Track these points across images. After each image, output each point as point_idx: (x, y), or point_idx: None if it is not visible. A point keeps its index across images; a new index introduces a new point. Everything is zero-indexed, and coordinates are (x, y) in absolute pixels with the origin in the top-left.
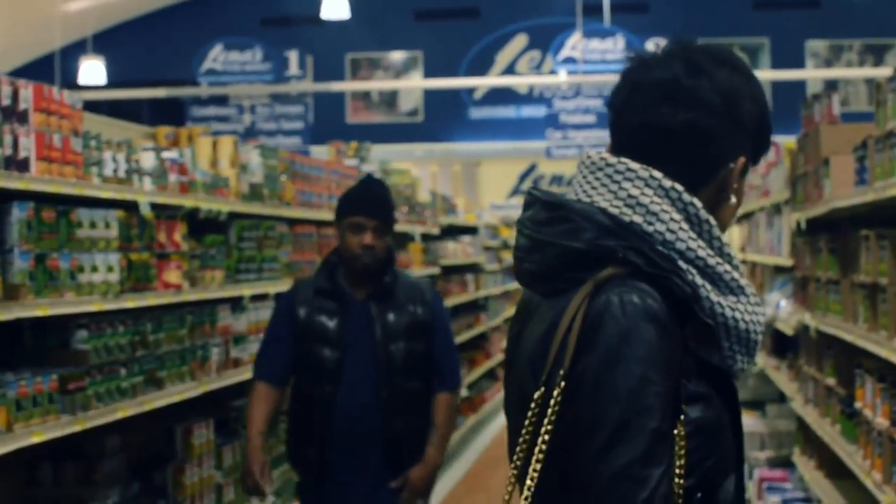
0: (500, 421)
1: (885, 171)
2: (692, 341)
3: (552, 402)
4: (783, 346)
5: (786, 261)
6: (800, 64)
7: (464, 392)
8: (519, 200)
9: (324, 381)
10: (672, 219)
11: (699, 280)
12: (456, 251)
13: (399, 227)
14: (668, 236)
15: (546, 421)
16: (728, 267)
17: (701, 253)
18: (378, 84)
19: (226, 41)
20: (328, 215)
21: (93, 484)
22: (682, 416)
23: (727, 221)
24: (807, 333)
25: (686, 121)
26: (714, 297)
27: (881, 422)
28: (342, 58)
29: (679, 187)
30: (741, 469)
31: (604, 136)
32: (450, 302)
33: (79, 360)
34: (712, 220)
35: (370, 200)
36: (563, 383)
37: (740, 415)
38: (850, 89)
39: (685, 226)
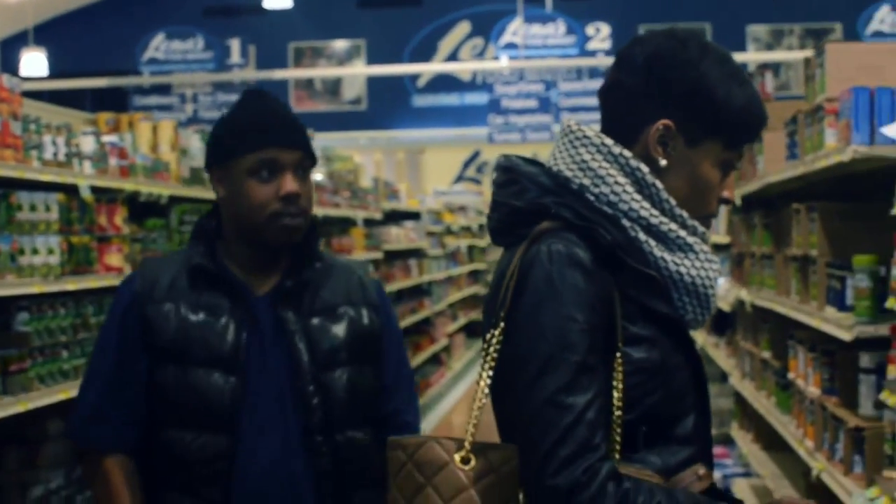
0: (446, 405)
1: (814, 144)
2: (632, 288)
3: (493, 340)
4: (722, 323)
5: (723, 238)
6: (741, 49)
7: None
8: (463, 187)
9: (211, 431)
10: (616, 182)
11: (642, 236)
12: (399, 236)
13: (341, 213)
14: (612, 197)
15: (488, 358)
16: (673, 226)
17: (643, 213)
18: (320, 72)
19: (167, 30)
20: None
21: (35, 468)
22: (617, 354)
23: (683, 190)
24: (743, 309)
25: (615, 80)
26: (658, 252)
27: (813, 390)
28: (285, 47)
29: (627, 153)
30: (705, 411)
31: (546, 120)
32: (393, 287)
33: (20, 342)
34: (658, 184)
35: (281, 124)
36: (501, 324)
37: (699, 360)
38: (791, 73)
39: (630, 188)
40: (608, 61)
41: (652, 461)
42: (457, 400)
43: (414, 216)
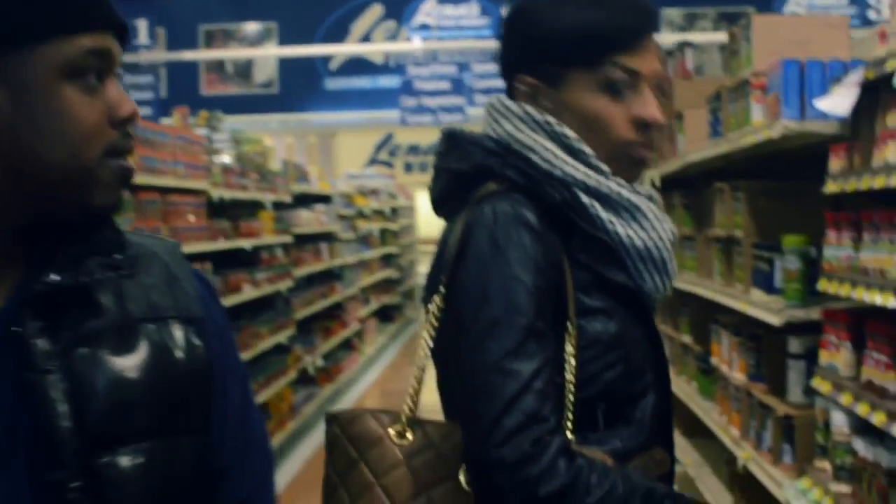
0: (358, 390)
1: (738, 121)
2: (584, 255)
3: (434, 308)
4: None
5: None
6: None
7: (320, 362)
8: (375, 170)
9: None
10: (546, 148)
11: (586, 199)
12: (309, 220)
13: (249, 195)
14: (544, 166)
15: (429, 326)
16: (613, 186)
17: (579, 176)
18: (230, 53)
19: None
20: (173, 182)
21: None
22: (568, 325)
23: (588, 139)
24: (664, 299)
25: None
26: (604, 213)
27: (738, 376)
28: (195, 29)
29: (550, 119)
30: (666, 391)
31: (459, 102)
32: (304, 271)
33: None
34: (586, 149)
35: None
36: (442, 289)
37: (658, 335)
38: (705, 57)
39: (560, 153)
40: None
41: (612, 443)
42: (370, 385)
43: (325, 199)
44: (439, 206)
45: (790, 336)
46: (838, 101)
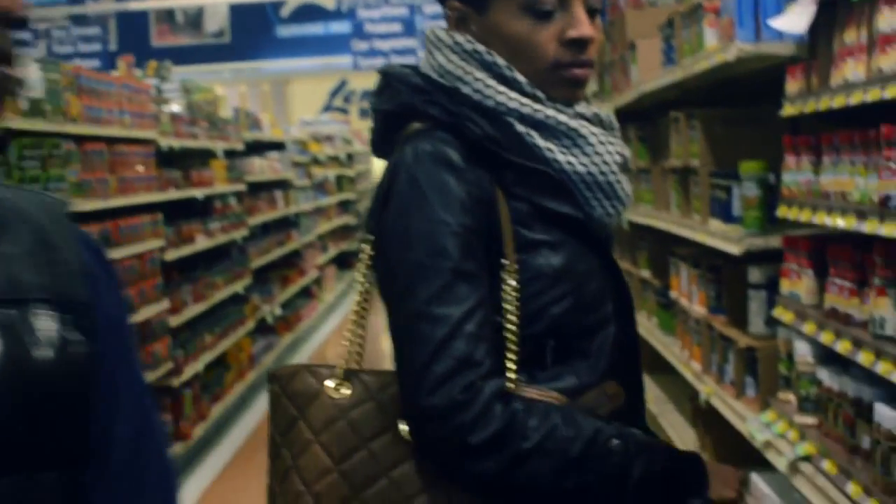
0: (318, 338)
1: (692, 47)
2: (521, 187)
3: (364, 256)
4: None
5: None
6: None
7: (278, 311)
8: (329, 116)
9: None
10: (476, 78)
11: (521, 128)
12: (263, 167)
13: (200, 144)
14: (476, 97)
15: (360, 275)
16: (550, 112)
17: (512, 104)
18: (179, 2)
19: None
20: (119, 131)
21: None
22: (503, 261)
23: (517, 64)
24: (619, 226)
25: None
26: (542, 142)
27: (698, 309)
28: None
29: (480, 47)
30: (628, 322)
31: (411, 44)
32: (259, 219)
33: None
34: (518, 76)
35: None
36: (371, 236)
37: (615, 265)
38: None
39: (491, 82)
40: None
41: (566, 379)
42: (330, 332)
43: (278, 146)
44: (377, 148)
45: (750, 266)
46: (794, 20)
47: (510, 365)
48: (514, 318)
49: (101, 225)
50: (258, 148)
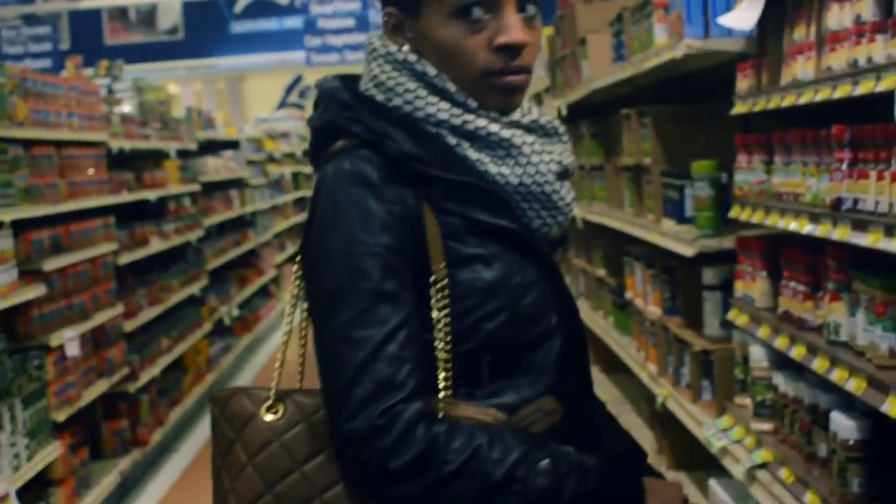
0: (277, 338)
1: (642, 43)
2: (451, 201)
3: (293, 278)
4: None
5: None
6: None
7: (235, 312)
8: (285, 113)
9: None
10: (407, 90)
11: (452, 139)
12: (217, 167)
13: (152, 145)
14: (407, 108)
15: (292, 295)
16: (481, 122)
17: (442, 115)
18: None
19: None
20: (69, 135)
21: None
22: (431, 277)
23: (442, 69)
24: (574, 224)
25: None
26: (473, 153)
27: (653, 310)
28: None
29: (411, 57)
30: (574, 333)
31: (364, 39)
32: (214, 220)
33: None
34: (450, 86)
35: None
36: (297, 260)
37: (557, 276)
38: None
39: (422, 93)
40: None
41: (507, 395)
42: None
43: (233, 145)
44: (313, 162)
45: (704, 266)
46: (743, 16)
47: (443, 383)
48: (444, 336)
49: (51, 230)
50: (212, 147)
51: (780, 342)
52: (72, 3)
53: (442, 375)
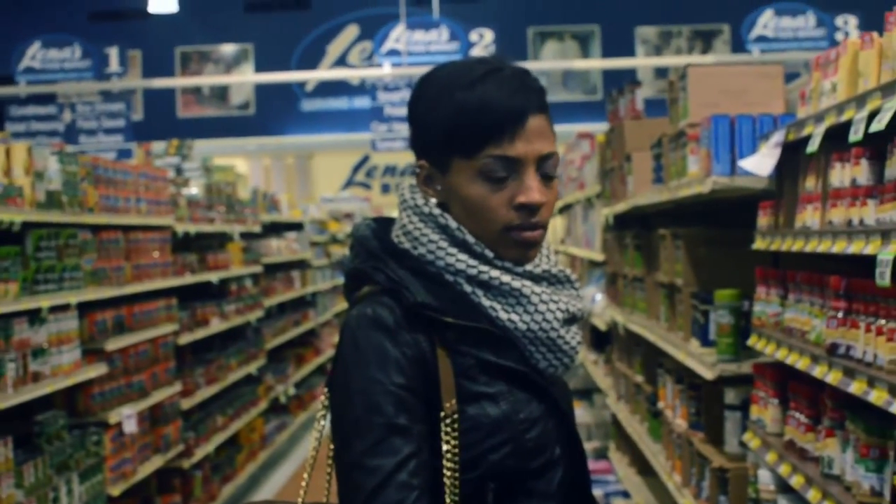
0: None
1: (678, 169)
2: (465, 344)
3: (321, 407)
4: (601, 340)
5: (598, 255)
6: (630, 51)
7: (292, 390)
8: (352, 192)
9: None
10: (430, 240)
11: (468, 287)
12: (280, 248)
13: (216, 228)
14: (429, 256)
15: (317, 426)
16: (494, 273)
17: (460, 266)
18: (202, 80)
19: (44, 39)
20: (136, 220)
21: None
22: (441, 413)
23: (465, 221)
24: (617, 329)
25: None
26: (487, 301)
27: (680, 423)
28: (172, 51)
29: (436, 210)
30: (576, 463)
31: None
32: (275, 300)
33: None
34: (469, 238)
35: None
36: (326, 390)
37: (562, 412)
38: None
39: (443, 244)
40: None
41: None
42: None
43: (297, 227)
44: (348, 300)
45: (726, 387)
46: (761, 162)
47: None
48: (452, 465)
49: (115, 311)
50: (276, 228)
51: (784, 469)
52: (145, 82)
53: (448, 500)
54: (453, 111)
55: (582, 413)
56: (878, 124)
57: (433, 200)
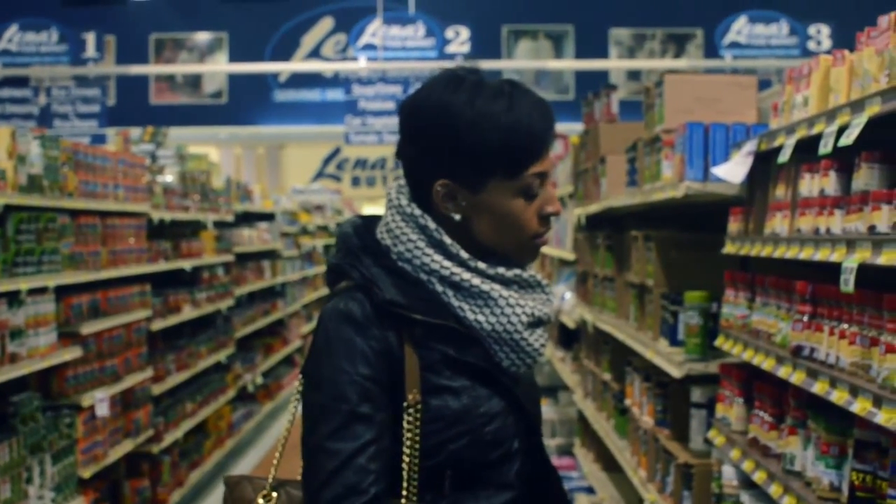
0: (299, 407)
1: (652, 173)
2: (432, 340)
3: (295, 393)
4: (569, 337)
5: (569, 254)
6: (604, 51)
7: (259, 379)
8: (322, 184)
9: None
10: (409, 239)
11: (439, 288)
12: (252, 238)
13: (191, 216)
14: (407, 255)
15: (291, 409)
16: (466, 275)
17: (434, 266)
18: (177, 68)
19: (21, 21)
20: (114, 206)
21: None
22: (404, 403)
23: (494, 232)
24: (586, 328)
25: (398, 145)
26: (456, 301)
27: (647, 420)
28: (146, 38)
29: (417, 211)
30: (536, 457)
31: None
32: (245, 289)
33: None
34: (446, 239)
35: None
36: (300, 376)
37: (521, 406)
38: (653, 77)
39: (421, 244)
40: (465, 65)
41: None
42: None
43: (269, 217)
44: (330, 290)
45: (693, 385)
46: (733, 169)
47: (405, 492)
48: (412, 452)
49: (91, 295)
50: (248, 218)
51: (747, 465)
52: (121, 68)
53: (405, 485)
54: (502, 135)
55: (547, 410)
56: (847, 139)
57: (417, 210)
